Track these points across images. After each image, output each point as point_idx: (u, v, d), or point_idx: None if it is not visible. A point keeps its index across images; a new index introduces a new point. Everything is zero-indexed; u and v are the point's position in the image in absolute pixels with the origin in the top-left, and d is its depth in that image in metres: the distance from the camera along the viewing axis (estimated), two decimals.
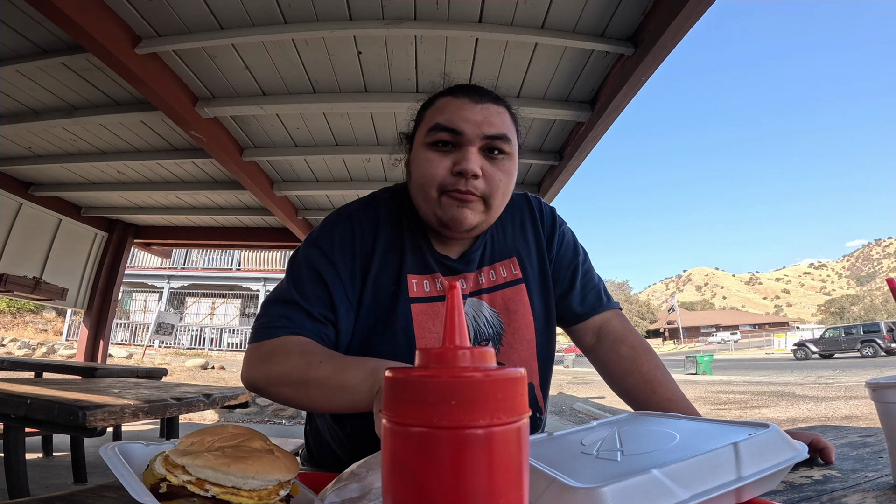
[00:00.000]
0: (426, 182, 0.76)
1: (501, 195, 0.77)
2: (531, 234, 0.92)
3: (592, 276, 0.95)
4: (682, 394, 0.81)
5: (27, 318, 15.00)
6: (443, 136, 0.75)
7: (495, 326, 0.84)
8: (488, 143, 0.75)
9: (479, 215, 0.77)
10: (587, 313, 0.91)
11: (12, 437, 1.59)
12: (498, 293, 0.86)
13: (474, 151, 0.74)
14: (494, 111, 0.76)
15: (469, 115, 0.75)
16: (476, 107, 0.75)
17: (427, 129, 0.77)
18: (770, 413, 6.77)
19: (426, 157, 0.76)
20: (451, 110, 0.76)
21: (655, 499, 0.39)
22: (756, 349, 41.00)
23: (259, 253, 15.98)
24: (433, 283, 0.82)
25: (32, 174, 3.88)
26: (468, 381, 0.25)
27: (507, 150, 0.77)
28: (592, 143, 2.79)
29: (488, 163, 0.75)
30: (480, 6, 1.94)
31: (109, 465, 0.44)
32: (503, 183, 0.76)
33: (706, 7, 1.69)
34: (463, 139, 0.74)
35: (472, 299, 0.85)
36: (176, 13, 1.97)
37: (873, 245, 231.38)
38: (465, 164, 0.73)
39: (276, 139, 3.06)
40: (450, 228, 0.77)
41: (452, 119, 0.75)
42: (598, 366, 0.91)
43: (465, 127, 0.74)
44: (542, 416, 0.88)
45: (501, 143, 0.75)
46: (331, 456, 0.87)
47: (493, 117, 0.75)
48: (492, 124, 0.75)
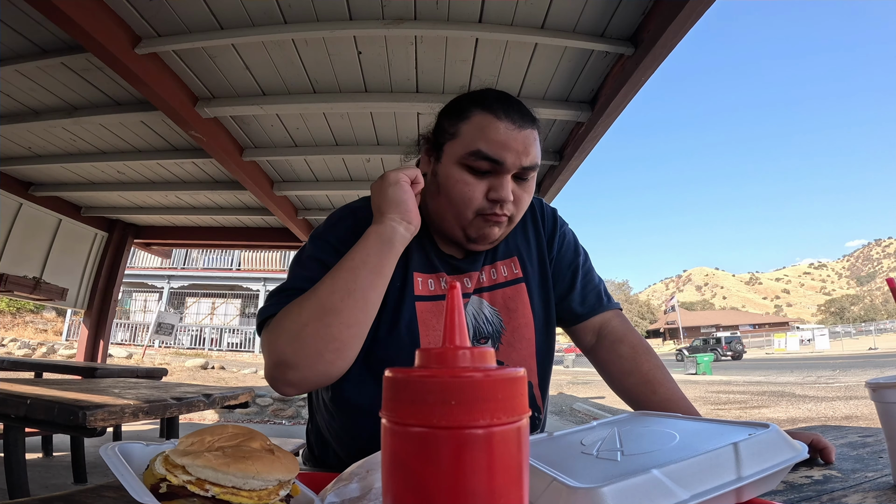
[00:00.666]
0: (462, 203, 0.77)
1: (525, 210, 0.82)
2: (532, 234, 0.94)
3: (593, 276, 0.96)
4: (682, 394, 0.81)
5: (27, 318, 15.00)
6: (483, 164, 0.75)
7: (495, 325, 0.85)
8: (522, 173, 0.77)
9: (504, 230, 0.81)
10: (587, 314, 0.92)
11: (12, 437, 1.59)
12: (498, 292, 0.87)
13: (509, 179, 0.76)
14: (532, 138, 0.77)
15: (511, 144, 0.75)
16: (519, 134, 0.75)
17: (466, 151, 0.76)
18: (770, 413, 6.77)
19: (462, 179, 0.77)
20: (493, 137, 0.74)
21: (655, 499, 0.39)
22: (756, 349, 40.97)
23: (259, 253, 15.99)
24: (438, 281, 0.84)
25: (32, 174, 3.88)
26: (468, 381, 0.25)
27: (534, 174, 0.80)
28: (592, 143, 2.79)
29: (518, 186, 0.78)
30: (480, 6, 1.94)
31: (109, 464, 0.44)
32: (527, 201, 0.81)
33: (706, 7, 1.69)
34: (502, 169, 0.75)
35: (473, 297, 0.86)
36: (176, 13, 1.97)
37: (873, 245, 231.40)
38: (502, 193, 0.75)
39: (276, 139, 3.06)
40: (476, 243, 0.81)
41: (496, 150, 0.74)
42: (598, 366, 0.91)
43: (507, 158, 0.75)
44: (541, 415, 0.88)
45: (531, 171, 0.78)
46: (331, 453, 0.87)
47: (531, 146, 0.77)
48: (528, 155, 0.76)
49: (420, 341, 0.79)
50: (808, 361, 20.52)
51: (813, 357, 24.00)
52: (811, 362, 19.69)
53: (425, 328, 0.80)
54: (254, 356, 14.19)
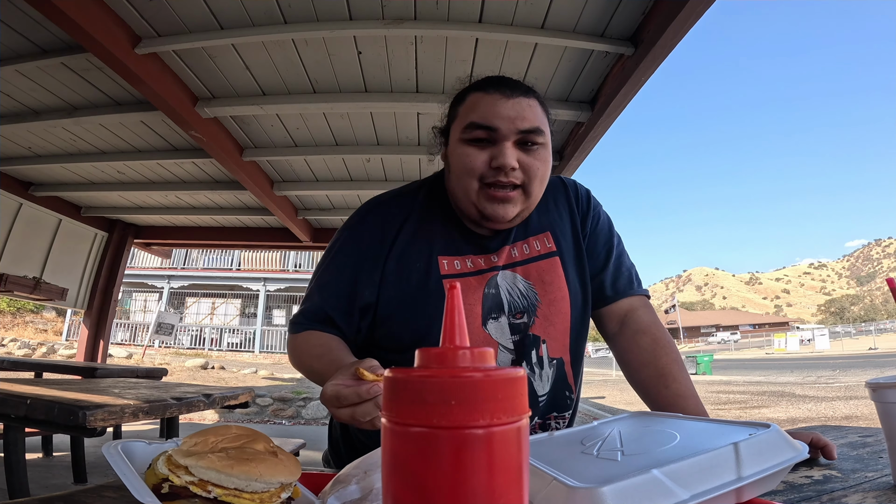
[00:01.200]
0: (466, 174, 0.78)
1: (539, 182, 0.80)
2: (566, 212, 0.94)
3: (625, 259, 0.96)
4: (694, 391, 0.81)
5: (27, 318, 15.00)
6: (478, 133, 0.77)
7: (530, 298, 0.85)
8: (523, 138, 0.77)
9: (520, 205, 0.80)
10: (616, 295, 0.91)
11: (12, 437, 1.59)
12: (532, 265, 0.87)
13: (510, 146, 0.77)
14: (526, 105, 0.78)
15: (502, 111, 0.77)
16: (508, 102, 0.77)
17: (462, 126, 0.79)
18: (770, 413, 6.77)
19: (464, 152, 0.79)
20: (483, 107, 0.78)
21: (655, 499, 0.39)
22: (756, 349, 40.99)
23: (259, 253, 15.97)
24: (464, 262, 0.85)
25: (32, 174, 3.88)
26: (468, 381, 0.25)
27: (542, 141, 0.79)
28: (592, 143, 2.79)
29: (525, 154, 0.78)
30: (480, 6, 1.94)
31: (112, 463, 0.44)
32: (540, 171, 0.79)
33: (706, 7, 1.69)
34: (498, 135, 0.77)
35: (504, 272, 0.85)
36: (176, 13, 1.97)
37: (873, 245, 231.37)
38: (502, 160, 0.75)
39: (276, 139, 3.06)
40: (491, 221, 0.80)
41: (486, 116, 0.77)
42: (618, 354, 0.91)
43: (499, 124, 0.76)
44: (573, 394, 0.87)
45: (535, 135, 0.78)
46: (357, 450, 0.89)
47: (525, 111, 0.77)
48: (524, 119, 0.77)
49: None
50: (808, 361, 20.52)
51: (813, 357, 24.00)
52: (811, 362, 19.69)
53: None
54: (254, 356, 14.19)
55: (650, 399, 0.82)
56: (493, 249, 0.86)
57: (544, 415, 0.84)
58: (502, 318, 0.83)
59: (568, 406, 0.86)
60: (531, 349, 0.83)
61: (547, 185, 0.93)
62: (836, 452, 0.65)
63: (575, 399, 0.88)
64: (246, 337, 15.36)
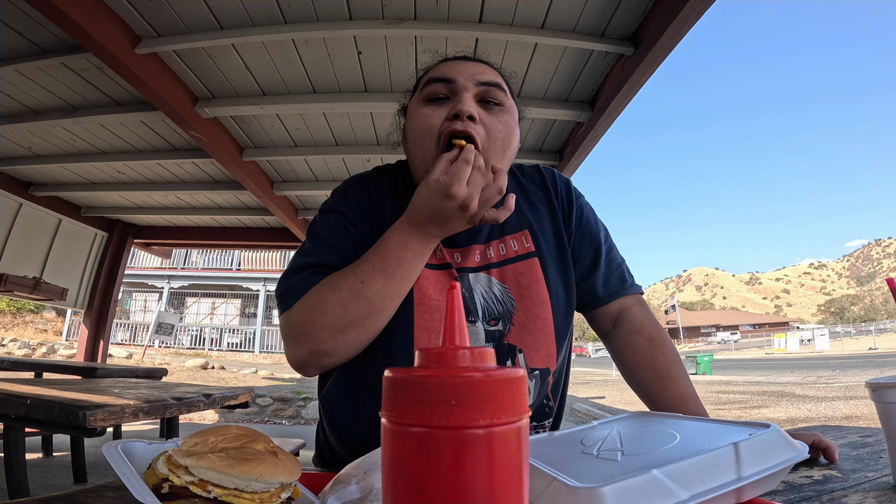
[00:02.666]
0: (423, 135, 0.74)
1: (501, 148, 0.74)
2: (544, 206, 0.87)
3: (615, 255, 0.90)
4: (693, 392, 0.79)
5: (27, 318, 15.00)
6: (436, 87, 0.75)
7: (505, 304, 0.78)
8: (483, 91, 0.74)
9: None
10: (609, 296, 0.87)
11: (12, 437, 1.60)
12: (508, 267, 0.79)
13: (469, 97, 0.73)
14: (486, 67, 0.78)
15: (460, 68, 0.76)
16: (466, 63, 0.78)
17: (421, 87, 0.78)
18: (770, 413, 6.77)
19: (421, 112, 0.75)
20: (441, 68, 0.78)
21: (655, 499, 0.39)
22: (756, 349, 40.98)
23: (259, 253, 15.98)
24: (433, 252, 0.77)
25: (32, 174, 3.88)
26: (468, 381, 0.25)
27: (504, 101, 0.75)
28: (592, 143, 2.79)
29: (485, 111, 0.74)
30: (480, 6, 1.94)
31: (112, 463, 0.44)
32: (502, 134, 0.73)
33: (706, 7, 1.69)
34: (457, 86, 0.74)
35: (479, 274, 0.78)
36: (176, 13, 1.97)
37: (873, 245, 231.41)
38: (460, 106, 0.71)
39: (276, 139, 3.06)
40: None
41: (445, 71, 0.76)
42: (613, 353, 0.89)
43: (457, 76, 0.75)
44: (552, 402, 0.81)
45: (496, 90, 0.75)
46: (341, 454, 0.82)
47: (483, 69, 0.77)
48: (484, 73, 0.76)
49: (414, 308, 0.74)
50: (808, 361, 20.52)
51: (813, 357, 24.01)
52: (811, 362, 19.70)
53: (420, 294, 0.74)
54: (253, 356, 14.19)
55: (649, 400, 0.81)
56: (460, 245, 0.79)
57: None
58: (479, 324, 0.76)
59: (548, 415, 0.81)
60: (506, 360, 0.76)
61: (525, 176, 0.90)
62: (838, 454, 0.65)
63: (555, 408, 0.82)
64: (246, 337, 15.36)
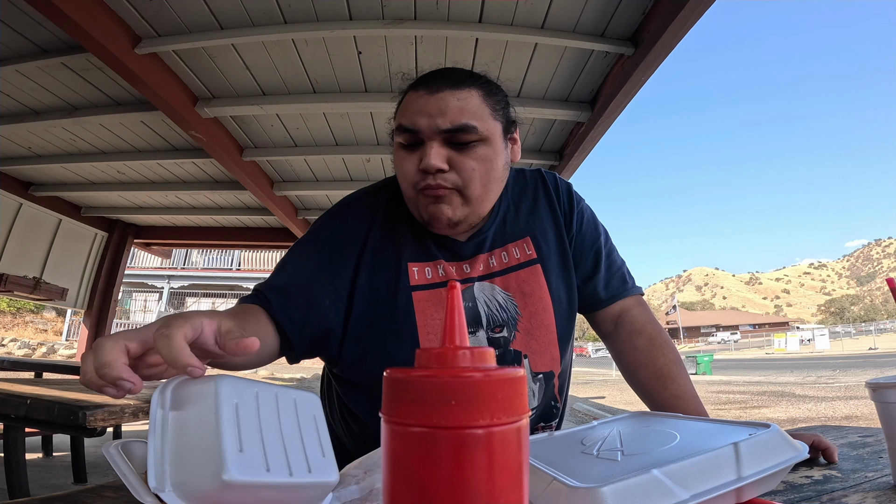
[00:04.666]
0: (403, 180, 0.76)
1: (480, 183, 0.73)
2: (546, 212, 0.87)
3: (615, 257, 0.91)
4: (693, 392, 0.80)
5: (27, 318, 15.00)
6: (405, 137, 0.74)
7: (509, 311, 0.79)
8: (448, 137, 0.71)
9: (460, 209, 0.74)
10: (610, 299, 0.88)
11: (12, 437, 1.60)
12: (511, 275, 0.81)
13: (435, 147, 0.71)
14: (453, 100, 0.71)
15: (424, 108, 0.71)
16: (431, 99, 0.71)
17: (395, 130, 0.76)
18: (770, 413, 6.77)
19: (398, 157, 0.76)
20: (409, 108, 0.73)
21: (655, 499, 0.39)
22: (756, 349, 41.00)
23: (259, 253, 15.98)
24: (435, 269, 0.79)
25: (32, 174, 3.87)
26: (468, 381, 0.25)
27: (474, 138, 0.72)
28: (592, 143, 2.79)
29: (456, 153, 0.72)
30: (480, 6, 1.94)
31: (112, 463, 0.44)
32: (478, 171, 0.72)
33: (706, 7, 1.70)
34: (422, 136, 0.72)
35: (483, 283, 0.80)
36: (176, 13, 1.97)
37: (873, 245, 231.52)
38: (425, 161, 0.71)
39: (276, 139, 3.06)
40: (432, 225, 0.76)
41: (410, 119, 0.73)
42: (614, 354, 0.90)
43: (420, 124, 0.71)
44: (559, 404, 0.84)
45: (462, 134, 0.71)
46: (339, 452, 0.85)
47: (449, 107, 0.71)
48: (445, 115, 0.70)
49: (419, 332, 0.75)
50: (808, 361, 20.53)
51: (813, 357, 24.02)
52: (811, 362, 19.70)
53: (423, 318, 0.76)
54: None
55: (649, 400, 0.81)
56: (467, 256, 0.80)
57: (533, 426, 0.81)
58: (480, 333, 0.78)
59: (555, 416, 0.83)
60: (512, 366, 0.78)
61: (526, 182, 0.90)
62: (838, 455, 0.65)
63: (561, 408, 0.85)
64: None
